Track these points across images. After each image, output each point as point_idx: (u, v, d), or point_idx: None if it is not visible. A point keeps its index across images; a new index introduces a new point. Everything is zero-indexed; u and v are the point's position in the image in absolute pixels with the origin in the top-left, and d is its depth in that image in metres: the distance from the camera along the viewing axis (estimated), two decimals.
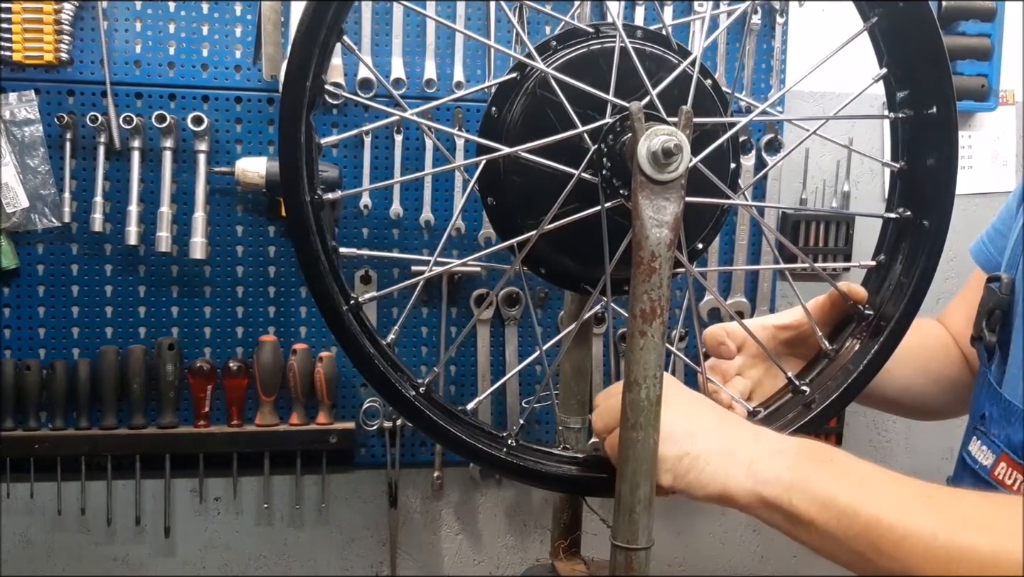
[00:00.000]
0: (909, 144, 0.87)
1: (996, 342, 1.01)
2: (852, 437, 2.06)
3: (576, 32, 0.85)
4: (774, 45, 1.90)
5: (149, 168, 1.69)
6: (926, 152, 0.86)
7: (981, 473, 0.99)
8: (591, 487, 0.86)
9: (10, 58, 1.63)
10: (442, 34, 1.78)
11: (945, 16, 1.93)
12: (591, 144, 0.79)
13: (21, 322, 1.71)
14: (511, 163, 0.82)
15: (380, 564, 1.92)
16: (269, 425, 1.76)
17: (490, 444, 0.85)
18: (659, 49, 0.84)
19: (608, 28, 0.84)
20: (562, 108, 0.79)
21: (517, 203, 0.83)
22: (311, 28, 0.74)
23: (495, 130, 0.84)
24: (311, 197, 0.77)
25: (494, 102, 0.84)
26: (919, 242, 0.87)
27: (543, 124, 0.81)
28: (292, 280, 1.79)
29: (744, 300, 1.92)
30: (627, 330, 0.73)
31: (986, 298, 1.03)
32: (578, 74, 0.80)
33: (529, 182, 0.82)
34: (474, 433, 0.85)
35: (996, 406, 0.99)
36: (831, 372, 0.91)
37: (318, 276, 0.78)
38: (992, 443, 0.98)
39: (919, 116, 0.85)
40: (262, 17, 1.65)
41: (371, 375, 0.82)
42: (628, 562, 0.73)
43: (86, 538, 1.80)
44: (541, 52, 0.83)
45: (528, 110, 0.82)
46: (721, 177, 0.83)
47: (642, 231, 0.71)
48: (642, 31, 0.85)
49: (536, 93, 0.82)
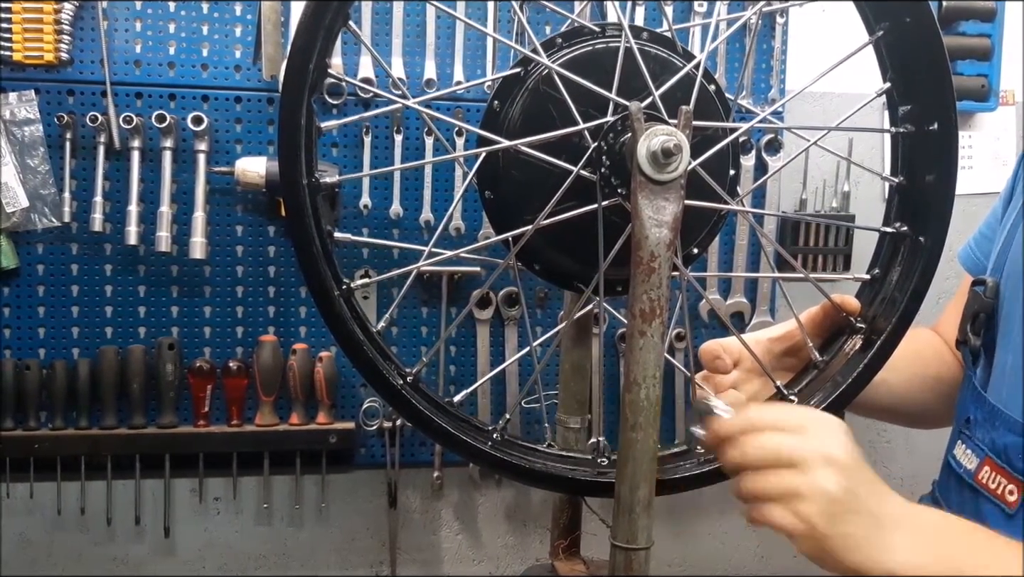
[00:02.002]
0: (909, 159, 0.87)
1: (981, 346, 1.01)
2: None
3: (582, 30, 0.85)
4: (774, 45, 1.90)
5: (149, 168, 1.69)
6: (926, 168, 0.85)
7: (966, 477, 0.99)
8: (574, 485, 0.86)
9: (10, 58, 1.63)
10: (442, 34, 1.78)
11: (945, 16, 1.93)
12: (591, 142, 0.79)
13: (21, 322, 1.70)
14: (510, 158, 0.82)
15: (380, 564, 1.92)
16: (269, 425, 1.76)
17: (475, 437, 0.85)
18: (664, 51, 0.84)
19: (613, 28, 0.84)
20: (563, 105, 0.79)
21: (514, 198, 0.84)
22: (317, 10, 0.74)
23: (496, 124, 0.84)
24: (308, 180, 0.77)
25: (496, 96, 0.84)
26: (915, 258, 0.86)
27: (544, 120, 0.81)
28: (292, 280, 1.79)
29: (744, 300, 1.92)
30: (627, 330, 0.73)
31: (971, 302, 1.03)
32: (582, 72, 0.80)
33: (527, 177, 0.82)
34: (460, 425, 0.86)
35: (980, 410, 0.99)
36: (819, 383, 0.91)
37: (311, 258, 0.78)
38: (976, 447, 0.98)
39: (920, 132, 0.85)
40: (262, 17, 1.65)
41: (359, 362, 0.82)
42: (628, 562, 0.73)
43: (86, 538, 1.79)
44: (546, 49, 0.83)
45: (530, 105, 0.83)
46: (720, 182, 0.83)
47: (641, 231, 0.71)
48: (648, 33, 0.85)
49: (539, 89, 0.82)
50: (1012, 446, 0.93)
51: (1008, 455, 0.93)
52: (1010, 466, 0.93)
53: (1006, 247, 1.01)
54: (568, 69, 0.80)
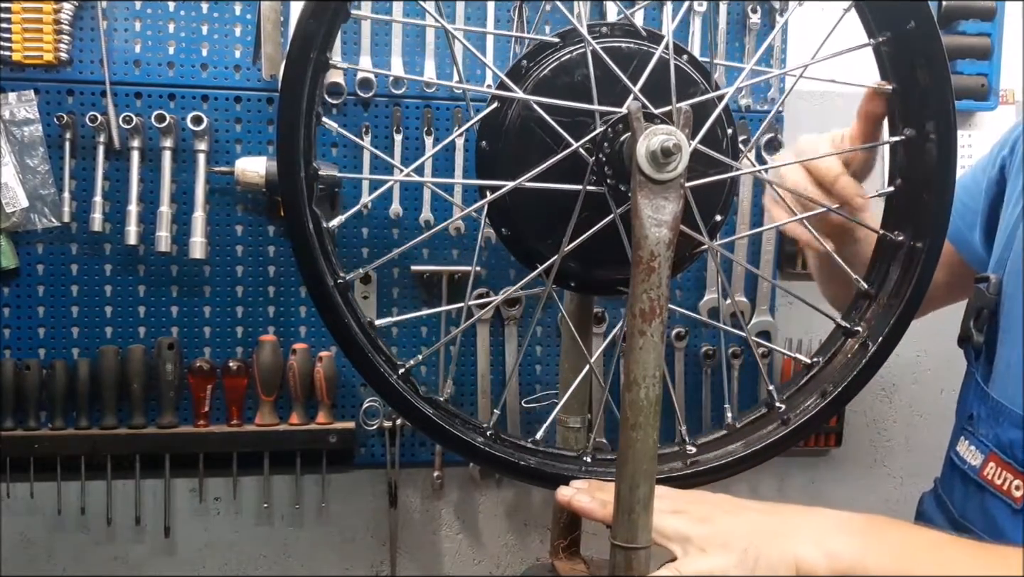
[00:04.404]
0: (907, 165, 0.87)
1: (983, 342, 1.01)
2: (852, 437, 2.06)
3: (544, 46, 0.84)
4: (774, 44, 1.90)
5: (149, 168, 1.69)
6: (924, 174, 0.85)
7: (970, 473, 1.00)
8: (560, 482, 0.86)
9: (10, 58, 1.63)
10: (441, 34, 1.78)
11: (945, 15, 1.93)
12: (588, 158, 0.79)
13: (21, 322, 1.71)
14: (516, 193, 0.81)
15: (380, 564, 1.92)
16: (269, 425, 1.76)
17: (465, 432, 0.85)
18: (630, 42, 0.83)
19: (573, 34, 0.83)
20: (550, 128, 0.79)
21: (531, 230, 0.84)
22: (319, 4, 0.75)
23: (490, 164, 0.83)
24: (306, 171, 0.77)
25: (482, 137, 0.83)
26: (911, 263, 0.86)
27: (537, 145, 0.81)
28: (292, 280, 1.79)
29: (744, 300, 1.92)
30: (626, 330, 0.73)
31: (974, 298, 1.03)
32: (556, 89, 0.80)
33: (538, 207, 0.82)
34: (451, 420, 0.86)
35: (984, 406, 0.99)
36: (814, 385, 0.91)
37: (307, 250, 0.78)
38: (981, 443, 0.98)
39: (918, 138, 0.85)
40: (262, 17, 1.65)
41: (353, 354, 0.82)
42: (628, 562, 0.73)
43: (86, 538, 1.80)
44: (514, 76, 0.82)
45: (518, 136, 0.82)
46: (720, 147, 0.82)
47: (641, 230, 0.71)
48: (607, 27, 0.84)
49: (521, 118, 0.82)
50: (1017, 441, 0.93)
51: (1013, 451, 0.93)
52: (1015, 461, 0.93)
53: (1008, 244, 1.01)
54: (541, 91, 0.80)
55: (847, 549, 0.72)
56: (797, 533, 0.74)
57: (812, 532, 0.74)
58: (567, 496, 0.82)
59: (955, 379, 1.11)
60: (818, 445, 2.04)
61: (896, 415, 2.10)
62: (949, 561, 0.72)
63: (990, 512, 0.96)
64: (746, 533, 0.74)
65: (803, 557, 0.72)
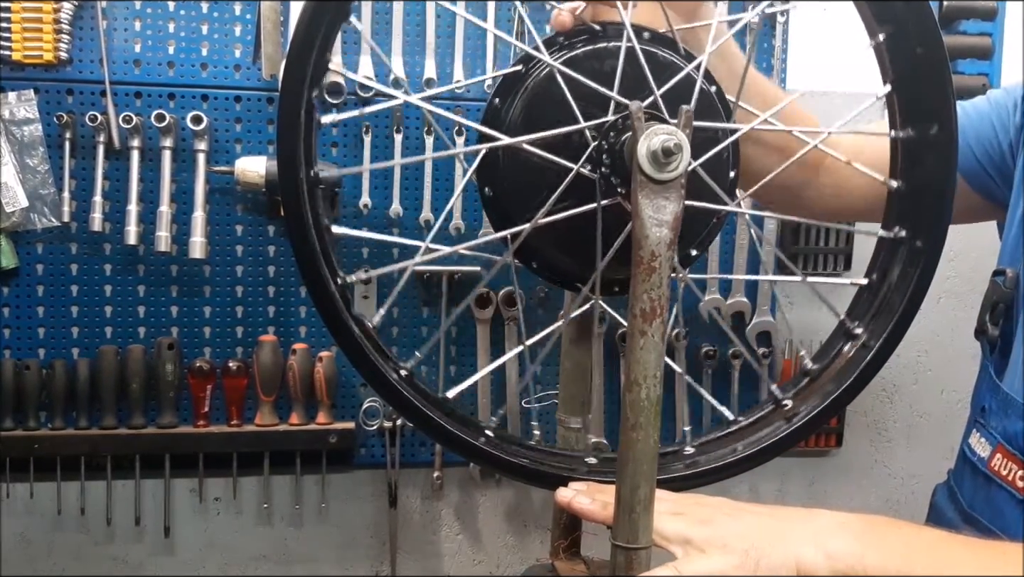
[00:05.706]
0: (908, 163, 0.87)
1: (999, 336, 1.01)
2: (852, 437, 2.06)
3: (584, 30, 0.85)
4: (774, 44, 1.90)
5: (148, 167, 1.69)
6: (925, 172, 0.85)
7: (979, 465, 1.00)
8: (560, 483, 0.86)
9: (9, 57, 1.63)
10: (442, 33, 1.78)
11: (946, 15, 1.93)
12: (592, 140, 0.79)
13: (20, 322, 1.70)
14: (510, 155, 0.82)
15: (380, 564, 1.92)
16: (269, 425, 1.76)
17: (466, 432, 0.85)
18: (666, 52, 0.84)
19: (616, 28, 0.84)
20: (565, 104, 0.79)
21: (514, 196, 0.83)
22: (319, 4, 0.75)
23: (497, 120, 0.83)
24: (307, 173, 0.77)
25: (497, 93, 0.84)
26: (912, 262, 0.86)
27: (545, 118, 0.81)
28: (292, 280, 1.79)
29: (744, 300, 1.92)
30: (627, 330, 0.73)
31: (990, 292, 1.03)
32: (583, 71, 0.80)
33: (527, 175, 0.82)
34: (453, 420, 0.85)
35: (995, 398, 1.00)
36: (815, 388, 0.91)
37: (308, 252, 0.78)
38: (990, 435, 0.99)
39: (920, 136, 0.85)
40: (261, 17, 1.65)
41: (354, 355, 0.81)
42: (628, 562, 0.73)
43: (86, 538, 1.79)
44: (548, 47, 0.83)
45: (531, 103, 0.82)
46: (720, 184, 0.82)
47: (642, 230, 0.70)
48: (650, 33, 0.84)
49: (540, 87, 0.82)
50: (1021, 432, 0.94)
51: (1019, 442, 0.94)
52: (1020, 452, 0.94)
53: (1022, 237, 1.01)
54: (569, 68, 0.80)
55: (847, 550, 0.72)
56: (797, 534, 0.75)
57: (812, 533, 0.75)
58: (567, 498, 0.82)
59: (955, 380, 1.12)
60: (818, 445, 2.04)
61: (897, 416, 2.09)
62: (949, 560, 0.72)
63: (996, 503, 0.97)
64: (747, 535, 0.75)
65: (804, 558, 0.72)
